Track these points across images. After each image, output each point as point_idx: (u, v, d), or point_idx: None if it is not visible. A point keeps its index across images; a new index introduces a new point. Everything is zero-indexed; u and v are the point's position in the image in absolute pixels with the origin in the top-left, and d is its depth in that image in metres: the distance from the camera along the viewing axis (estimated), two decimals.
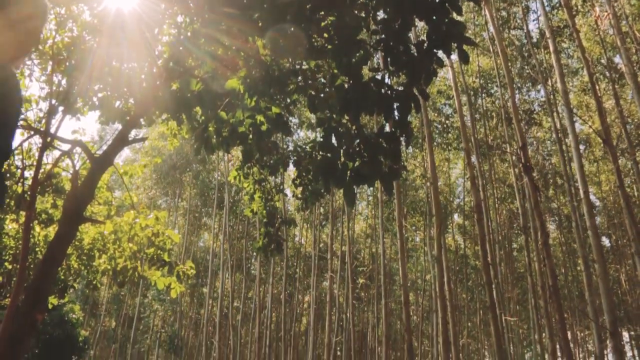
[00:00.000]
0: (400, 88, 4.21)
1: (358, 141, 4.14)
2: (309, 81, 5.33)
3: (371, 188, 30.65)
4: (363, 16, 4.22)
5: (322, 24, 4.34)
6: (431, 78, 4.13)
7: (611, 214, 29.72)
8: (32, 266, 10.33)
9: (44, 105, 8.58)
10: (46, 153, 9.46)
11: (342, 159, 4.12)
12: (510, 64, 23.32)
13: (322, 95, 4.57)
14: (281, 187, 7.57)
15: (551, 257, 11.27)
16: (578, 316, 30.96)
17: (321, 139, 4.21)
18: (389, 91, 4.16)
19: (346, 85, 4.32)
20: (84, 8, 7.42)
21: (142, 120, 7.09)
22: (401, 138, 4.06)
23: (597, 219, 29.82)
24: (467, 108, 18.40)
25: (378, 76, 4.29)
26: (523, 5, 22.36)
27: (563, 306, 14.18)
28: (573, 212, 14.68)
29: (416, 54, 4.10)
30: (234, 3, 4.33)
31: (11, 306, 6.41)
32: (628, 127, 18.45)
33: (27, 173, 9.97)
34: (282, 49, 4.30)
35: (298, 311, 35.63)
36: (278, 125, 5.19)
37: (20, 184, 9.63)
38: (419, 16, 3.99)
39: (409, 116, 4.23)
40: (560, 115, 20.19)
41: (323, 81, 5.36)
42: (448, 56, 4.23)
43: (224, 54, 5.30)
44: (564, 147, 16.97)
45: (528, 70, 24.78)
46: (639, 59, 18.56)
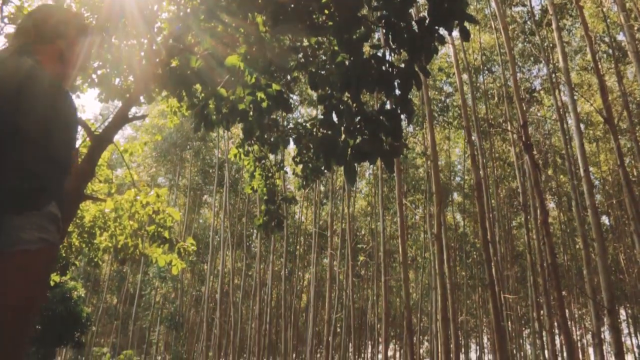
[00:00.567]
0: (401, 65, 4.19)
1: (359, 118, 4.13)
2: (310, 58, 5.30)
3: (371, 166, 30.67)
4: None
5: (323, 0, 4.30)
6: (432, 55, 4.11)
7: (610, 194, 29.77)
8: None
9: None
10: None
11: (343, 137, 4.11)
12: (512, 42, 23.15)
13: (323, 72, 4.55)
14: (281, 165, 7.54)
15: (550, 236, 11.32)
16: (576, 294, 31.19)
17: (322, 117, 4.21)
18: (390, 68, 4.14)
19: (347, 62, 4.30)
20: None
21: (142, 97, 7.07)
22: (402, 115, 4.05)
23: (597, 197, 29.87)
24: (468, 86, 18.32)
25: (379, 53, 4.27)
26: None
27: (561, 284, 14.27)
28: (573, 191, 14.70)
29: (417, 31, 4.07)
30: None
31: None
32: (630, 106, 18.37)
33: None
34: (283, 26, 4.27)
35: (298, 288, 35.87)
36: (278, 102, 5.17)
37: None
38: None
39: (410, 93, 4.21)
40: (562, 91, 20.10)
41: (323, 58, 5.34)
42: (449, 33, 4.20)
43: (224, 31, 5.26)
44: (565, 126, 16.92)
45: (530, 47, 24.63)
46: None
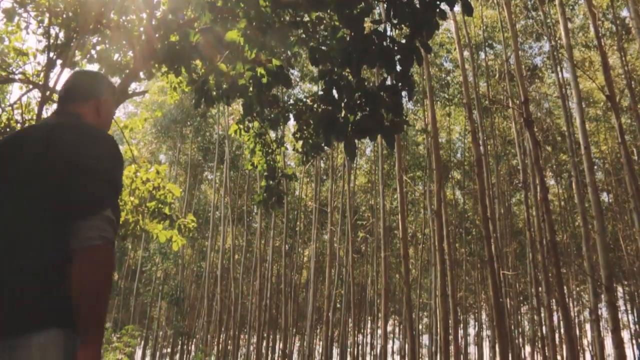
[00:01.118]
0: (402, 40, 4.16)
1: (359, 94, 4.11)
2: (310, 33, 5.25)
3: (372, 142, 30.63)
4: None
5: None
6: (434, 30, 4.07)
7: (610, 172, 29.77)
8: None
9: (42, 58, 8.47)
10: (46, 107, 9.40)
11: (343, 112, 4.09)
12: (514, 17, 22.92)
13: (323, 47, 4.51)
14: (282, 141, 7.53)
15: (550, 213, 11.35)
16: (574, 271, 31.38)
17: (322, 93, 4.18)
18: (391, 44, 4.11)
19: (348, 37, 4.27)
20: None
21: (142, 73, 7.03)
22: (403, 91, 4.03)
23: (598, 175, 29.89)
24: (469, 62, 18.20)
25: (380, 28, 4.23)
26: None
27: (560, 261, 14.36)
28: (573, 168, 14.70)
29: (419, 6, 4.03)
30: None
31: None
32: (632, 84, 18.27)
33: None
34: (283, 1, 4.23)
35: (298, 264, 36.08)
36: (279, 77, 5.14)
37: None
38: None
39: (411, 69, 4.19)
40: (564, 67, 19.97)
41: (324, 33, 5.29)
42: (451, 8, 4.16)
43: (223, 5, 5.21)
44: (566, 104, 16.86)
45: (532, 23, 24.42)
46: None
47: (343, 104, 4.12)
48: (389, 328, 40.95)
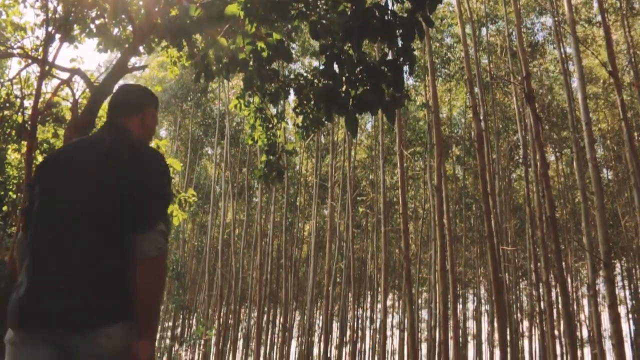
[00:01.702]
0: (404, 14, 4.12)
1: (360, 69, 4.08)
2: (311, 7, 5.20)
3: (372, 118, 30.54)
4: None
5: None
6: (436, 4, 4.04)
7: (610, 149, 29.72)
8: None
9: (40, 32, 8.41)
10: (45, 82, 9.35)
11: (344, 87, 4.08)
12: None
13: (324, 21, 4.47)
14: (282, 116, 7.49)
15: (550, 188, 11.37)
16: (573, 247, 31.52)
17: (323, 67, 4.16)
18: (393, 17, 4.07)
19: (349, 11, 4.23)
20: None
21: (142, 47, 6.97)
22: (404, 66, 4.01)
23: (599, 151, 29.85)
24: (471, 37, 18.06)
25: (381, 2, 4.19)
26: None
27: (559, 237, 14.42)
28: (574, 144, 14.67)
29: None
30: None
31: (18, 234, 6.52)
32: (634, 60, 18.12)
33: (27, 102, 9.91)
34: None
35: (299, 239, 36.23)
36: (279, 51, 5.11)
37: (20, 114, 9.59)
38: None
39: (412, 44, 4.16)
40: (568, 43, 19.80)
41: (325, 7, 5.24)
42: None
43: None
44: (568, 80, 16.75)
45: None
46: None
47: (344, 79, 4.10)
48: (389, 302, 41.30)
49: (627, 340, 28.89)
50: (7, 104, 9.87)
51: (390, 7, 4.13)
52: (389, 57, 4.18)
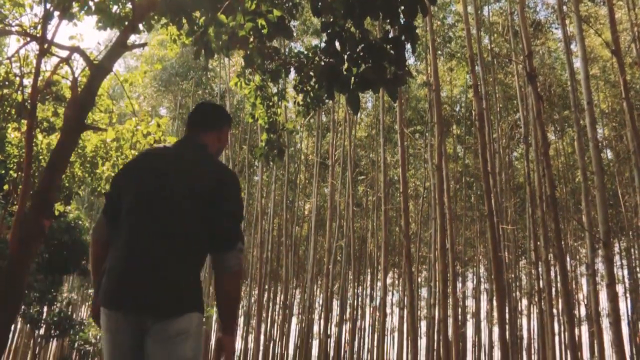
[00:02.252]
0: None
1: (362, 46, 4.05)
2: None
3: (373, 96, 30.40)
4: None
5: None
6: None
7: (610, 128, 29.62)
8: (37, 174, 10.41)
9: (39, 10, 8.33)
10: (44, 60, 9.28)
11: (346, 65, 4.05)
12: None
13: None
14: (283, 93, 7.47)
15: (550, 167, 11.36)
16: (573, 226, 31.60)
17: (324, 44, 4.13)
18: None
19: None
20: None
21: (141, 25, 6.91)
22: (406, 43, 3.97)
23: (600, 132, 29.75)
24: (473, 16, 17.90)
25: None
26: None
27: (559, 216, 14.45)
28: (576, 124, 14.63)
29: None
30: None
31: (19, 212, 6.54)
32: (636, 40, 17.95)
33: (26, 81, 9.84)
34: None
35: (299, 217, 36.32)
36: (279, 29, 5.06)
37: (19, 92, 9.54)
38: None
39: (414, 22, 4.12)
40: (572, 22, 19.64)
41: None
42: None
43: None
44: (570, 59, 16.62)
45: None
46: None
47: (346, 56, 4.07)
48: (389, 281, 41.52)
49: (624, 318, 29.10)
50: (7, 83, 9.82)
51: None
52: (391, 35, 4.14)
